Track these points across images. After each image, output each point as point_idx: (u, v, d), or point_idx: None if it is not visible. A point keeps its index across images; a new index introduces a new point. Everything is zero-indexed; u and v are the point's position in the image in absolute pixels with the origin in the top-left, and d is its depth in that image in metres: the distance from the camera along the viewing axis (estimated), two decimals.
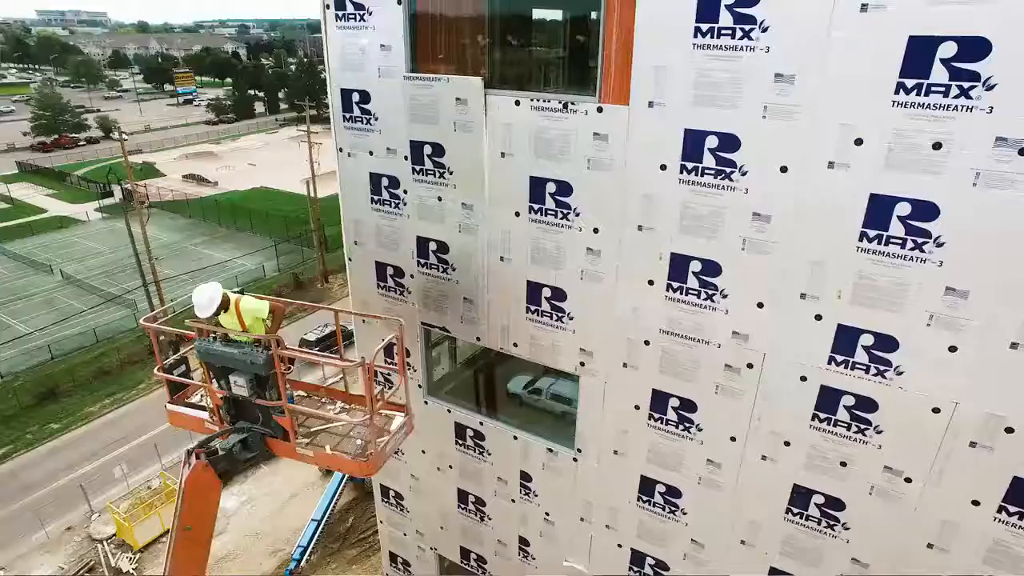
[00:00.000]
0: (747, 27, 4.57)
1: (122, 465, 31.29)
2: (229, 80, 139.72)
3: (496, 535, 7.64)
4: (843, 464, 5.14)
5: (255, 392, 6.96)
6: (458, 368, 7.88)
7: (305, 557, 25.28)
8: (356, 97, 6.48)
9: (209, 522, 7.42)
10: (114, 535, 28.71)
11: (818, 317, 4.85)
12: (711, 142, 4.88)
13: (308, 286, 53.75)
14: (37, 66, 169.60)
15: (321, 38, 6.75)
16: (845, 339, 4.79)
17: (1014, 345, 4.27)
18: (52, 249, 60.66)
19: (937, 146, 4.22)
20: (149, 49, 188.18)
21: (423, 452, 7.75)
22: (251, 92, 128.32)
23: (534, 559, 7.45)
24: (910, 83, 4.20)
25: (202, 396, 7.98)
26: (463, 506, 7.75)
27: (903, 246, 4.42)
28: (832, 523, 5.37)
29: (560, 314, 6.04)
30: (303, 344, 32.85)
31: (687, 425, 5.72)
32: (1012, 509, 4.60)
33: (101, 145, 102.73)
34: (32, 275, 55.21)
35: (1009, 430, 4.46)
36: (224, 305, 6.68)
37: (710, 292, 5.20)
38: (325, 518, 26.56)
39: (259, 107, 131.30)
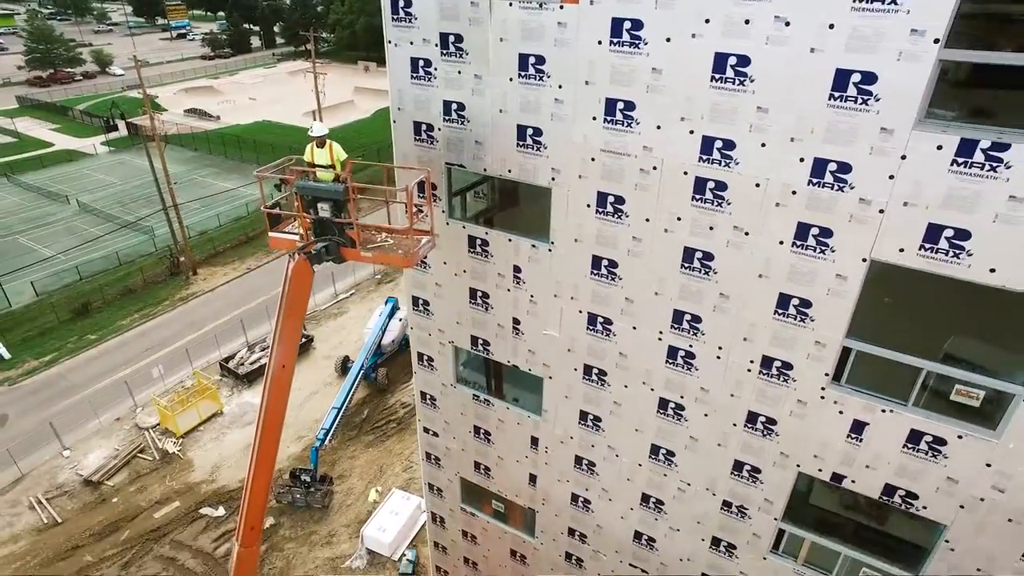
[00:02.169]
0: None
1: (159, 367, 35.37)
2: (222, 14, 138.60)
3: (496, 320, 11.26)
4: (711, 228, 8.60)
5: (335, 214, 10.41)
6: (471, 204, 11.28)
7: (328, 438, 29.36)
8: (401, 2, 9.65)
9: (304, 300, 11.05)
10: (158, 424, 32.99)
11: (691, 132, 8.19)
12: (627, 25, 8.13)
13: None
14: None
15: None
16: (707, 144, 8.16)
17: (792, 139, 7.61)
18: (65, 181, 63.75)
19: (748, 22, 7.44)
20: None
21: (444, 263, 11.32)
22: (246, 26, 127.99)
23: (523, 333, 11.08)
24: None
25: (292, 226, 11.35)
26: (473, 301, 11.35)
27: (735, 83, 7.70)
28: (707, 271, 8.88)
29: (539, 146, 9.42)
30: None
31: (620, 214, 9.18)
32: (798, 243, 8.06)
33: (98, 80, 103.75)
34: (48, 205, 58.48)
35: (794, 192, 7.85)
36: (324, 142, 10.14)
37: (629, 121, 8.55)
38: (344, 407, 30.51)
39: (254, 41, 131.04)
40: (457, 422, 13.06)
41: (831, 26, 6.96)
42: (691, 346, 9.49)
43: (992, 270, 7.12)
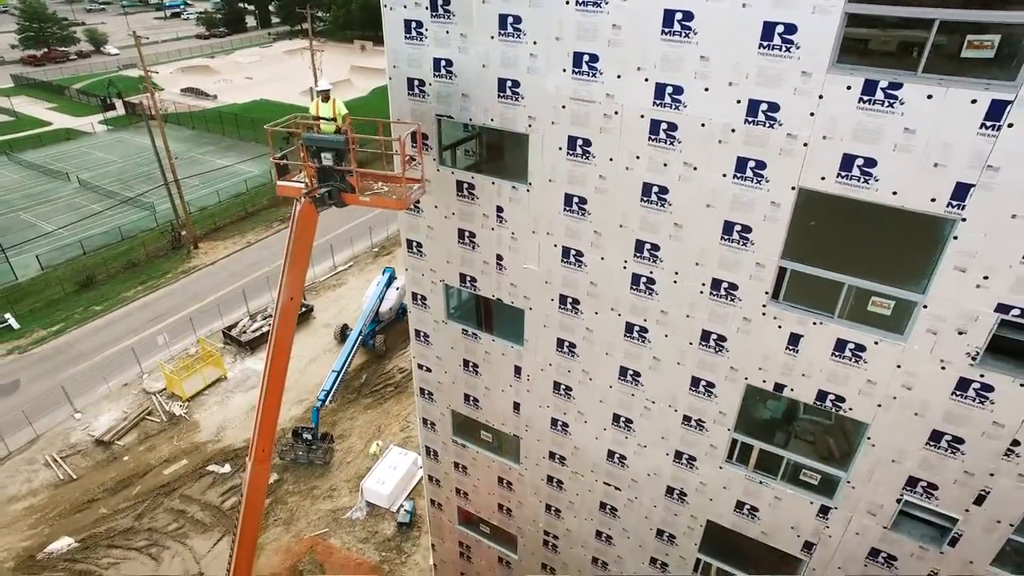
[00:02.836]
0: None
1: (164, 334, 36.85)
2: None
3: (482, 257, 12.66)
4: (665, 165, 9.96)
5: (336, 162, 11.76)
6: (460, 159, 12.62)
7: (328, 399, 30.92)
8: None
9: (309, 240, 12.43)
10: (164, 389, 34.53)
11: (646, 80, 9.52)
12: None
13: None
14: None
15: None
16: (659, 90, 9.49)
17: (730, 84, 8.94)
18: (64, 159, 64.87)
19: None
20: None
21: (435, 207, 12.68)
22: (241, 5, 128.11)
23: (506, 269, 12.48)
24: None
25: (299, 176, 12.68)
26: (461, 241, 12.74)
27: (681, 35, 9.00)
28: (663, 203, 10.26)
29: (517, 96, 10.76)
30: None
31: (587, 155, 10.54)
32: (738, 175, 9.42)
33: (93, 59, 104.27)
34: (49, 182, 59.69)
35: (733, 130, 9.20)
36: (328, 95, 11.49)
37: (593, 71, 9.88)
38: (343, 371, 32.04)
39: (250, 21, 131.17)
40: (448, 356, 14.51)
41: None
42: (651, 272, 10.91)
43: (894, 192, 8.51)
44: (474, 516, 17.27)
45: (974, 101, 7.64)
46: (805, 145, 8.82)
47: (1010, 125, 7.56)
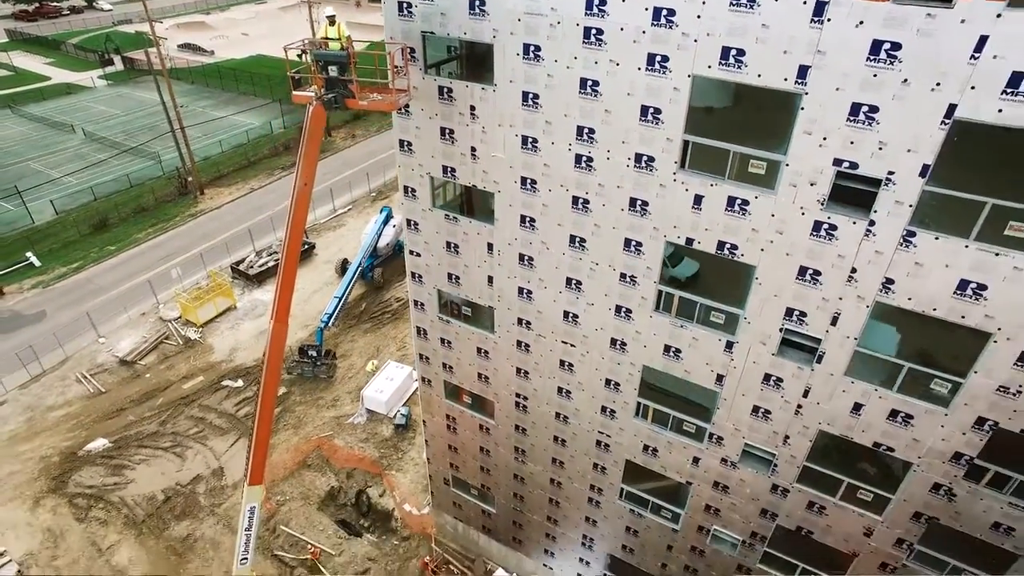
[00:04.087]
0: None
1: (177, 269, 40.14)
2: None
3: (460, 150, 15.86)
4: (596, 62, 13.08)
5: (341, 73, 14.86)
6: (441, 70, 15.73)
7: (331, 321, 34.37)
8: None
9: (319, 136, 15.59)
10: (179, 317, 37.99)
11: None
12: None
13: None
14: None
15: None
16: (589, 2, 12.56)
17: (699, 16, 12.01)
18: (68, 112, 67.52)
19: None
20: None
21: (422, 109, 15.82)
22: None
23: (479, 158, 15.68)
24: None
25: (309, 88, 15.76)
26: (443, 137, 15.91)
27: None
28: (596, 94, 13.38)
29: (483, 13, 13.88)
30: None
31: (538, 59, 13.67)
32: (649, 68, 12.53)
33: (86, 15, 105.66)
34: (55, 135, 62.50)
35: (644, 32, 12.29)
36: (334, 20, 14.56)
37: None
38: (344, 296, 35.43)
39: None
40: (433, 240, 17.80)
41: None
42: (590, 152, 14.11)
43: (759, 75, 11.66)
44: (458, 388, 20.75)
45: (805, 2, 10.76)
46: (696, 41, 11.94)
47: (829, 20, 10.69)
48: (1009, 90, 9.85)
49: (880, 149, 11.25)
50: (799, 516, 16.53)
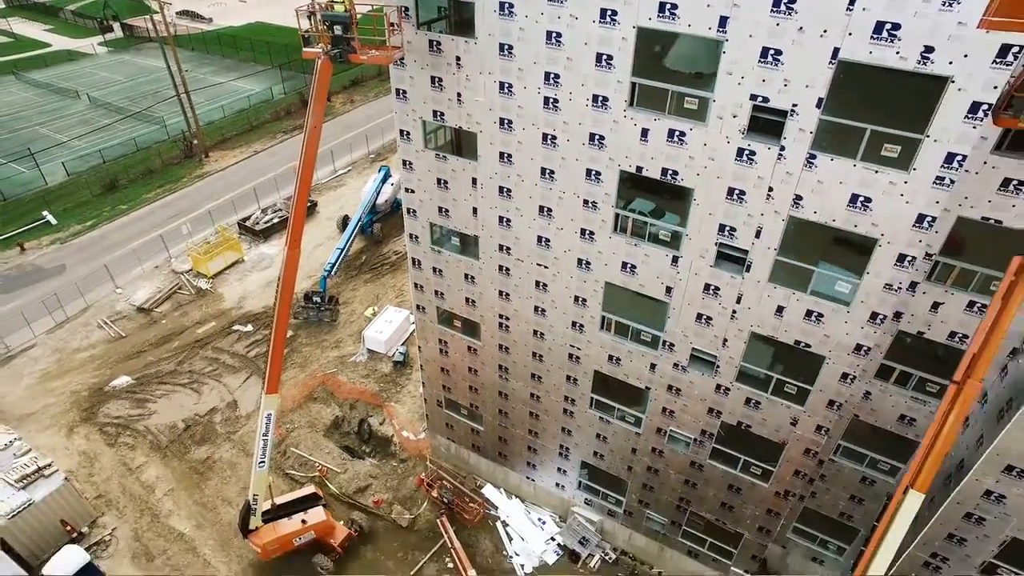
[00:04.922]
0: None
1: (187, 225, 42.94)
2: None
3: (447, 96, 18.62)
4: (559, 17, 15.77)
5: (344, 31, 17.56)
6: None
7: (333, 270, 37.29)
8: None
9: (327, 86, 18.33)
10: (190, 269, 40.87)
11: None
12: None
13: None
14: None
15: None
16: None
17: None
18: (71, 78, 69.76)
19: None
20: None
21: (415, 61, 18.56)
22: None
23: (463, 103, 18.45)
24: None
25: (317, 45, 18.43)
26: (433, 85, 18.67)
27: None
28: (559, 44, 16.09)
29: None
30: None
31: (512, 15, 16.33)
32: (602, 20, 15.25)
33: None
34: (60, 101, 64.83)
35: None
36: None
37: None
38: (346, 248, 38.31)
39: None
40: (426, 177, 20.65)
41: None
42: (556, 95, 16.89)
43: (689, 25, 14.40)
44: (449, 312, 23.75)
45: None
46: None
47: None
48: (875, 35, 12.64)
49: (785, 86, 14.06)
50: (740, 412, 19.61)
